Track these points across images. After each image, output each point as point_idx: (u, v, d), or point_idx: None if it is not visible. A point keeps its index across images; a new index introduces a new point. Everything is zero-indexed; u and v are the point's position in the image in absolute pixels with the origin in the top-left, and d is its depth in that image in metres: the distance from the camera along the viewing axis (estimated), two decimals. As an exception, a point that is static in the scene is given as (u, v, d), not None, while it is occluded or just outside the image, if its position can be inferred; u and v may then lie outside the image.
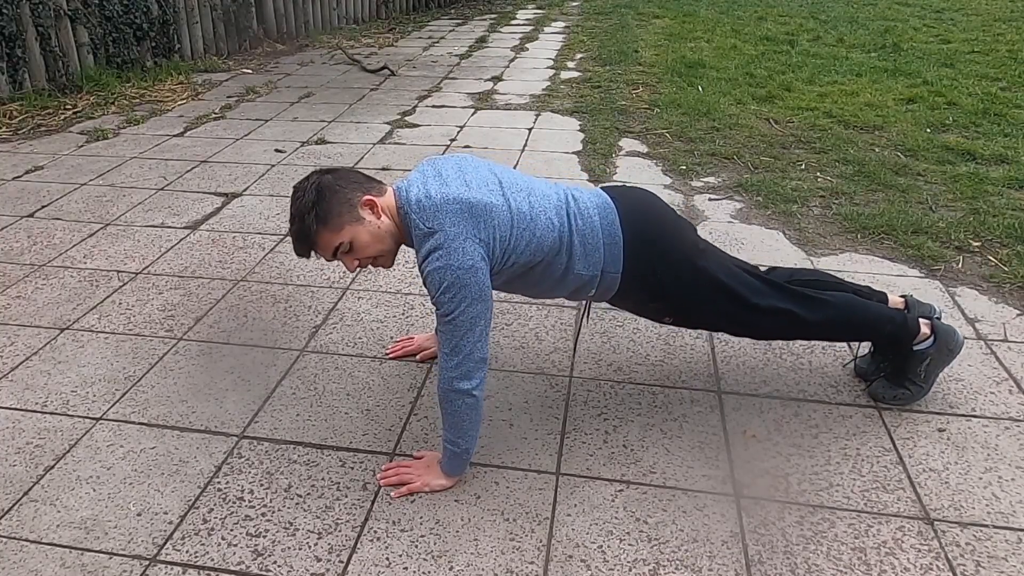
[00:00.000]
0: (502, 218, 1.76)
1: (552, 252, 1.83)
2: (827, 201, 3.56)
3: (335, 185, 1.79)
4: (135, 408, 2.15)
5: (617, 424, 2.06)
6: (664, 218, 1.99)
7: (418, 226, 1.73)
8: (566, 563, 1.64)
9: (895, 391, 2.11)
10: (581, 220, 1.86)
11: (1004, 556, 1.65)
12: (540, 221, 1.81)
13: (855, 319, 2.07)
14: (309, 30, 7.95)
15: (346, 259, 1.82)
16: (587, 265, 1.87)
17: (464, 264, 1.67)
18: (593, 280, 1.90)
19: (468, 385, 1.72)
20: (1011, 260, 2.94)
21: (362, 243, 1.79)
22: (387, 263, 1.89)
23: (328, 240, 1.77)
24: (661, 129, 4.66)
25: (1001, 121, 4.68)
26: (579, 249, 1.85)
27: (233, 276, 2.92)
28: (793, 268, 2.33)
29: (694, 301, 1.97)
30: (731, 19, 8.59)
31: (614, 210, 1.90)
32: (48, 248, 3.16)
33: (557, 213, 1.85)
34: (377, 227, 1.79)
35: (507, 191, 1.82)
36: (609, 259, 1.88)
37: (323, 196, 1.76)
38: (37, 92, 5.25)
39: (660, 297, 1.97)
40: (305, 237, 1.78)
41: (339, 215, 1.76)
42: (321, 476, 1.89)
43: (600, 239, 1.86)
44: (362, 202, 1.78)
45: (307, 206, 1.76)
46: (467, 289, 1.67)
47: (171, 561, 1.65)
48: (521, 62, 6.79)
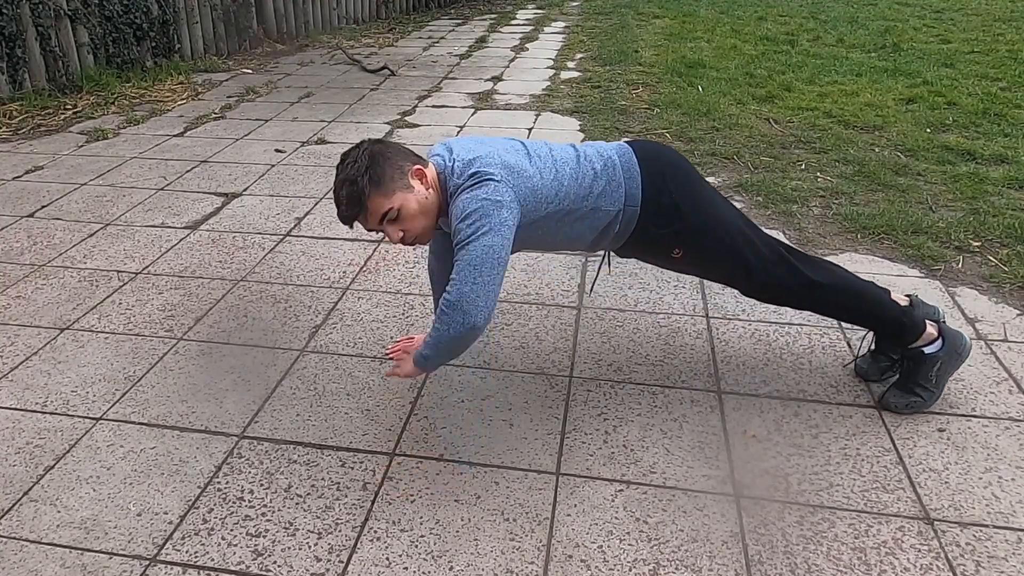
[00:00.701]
0: (530, 173, 1.84)
1: (579, 199, 1.90)
2: (827, 201, 3.56)
3: (387, 152, 1.82)
4: (135, 408, 2.15)
5: (617, 424, 2.07)
6: (678, 159, 2.07)
7: (455, 181, 1.79)
8: (566, 563, 1.64)
9: (907, 399, 2.09)
10: (600, 162, 1.94)
11: (1004, 556, 1.65)
12: (565, 173, 1.89)
13: (855, 298, 2.09)
14: (309, 30, 7.95)
15: (391, 228, 1.82)
16: (610, 200, 1.92)
17: (492, 197, 1.73)
18: (618, 216, 1.94)
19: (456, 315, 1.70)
20: (1011, 260, 2.94)
21: (410, 212, 1.80)
22: (424, 239, 1.91)
23: (379, 204, 1.78)
24: (661, 129, 4.66)
25: (1001, 121, 4.68)
26: (602, 184, 1.91)
27: (233, 276, 2.92)
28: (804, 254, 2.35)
29: (710, 240, 2.00)
30: (731, 19, 8.59)
31: (630, 149, 1.99)
32: (48, 248, 3.16)
33: (579, 163, 1.93)
34: (425, 197, 1.83)
35: (532, 152, 1.91)
36: (630, 192, 1.93)
37: (376, 161, 1.78)
38: (37, 92, 5.25)
39: (676, 220, 1.97)
40: (357, 200, 1.78)
41: (392, 179, 1.78)
42: (321, 476, 1.89)
43: (620, 173, 1.93)
44: (413, 171, 1.82)
45: (361, 169, 1.77)
46: (487, 219, 1.70)
47: (171, 561, 1.65)
48: (521, 62, 6.79)
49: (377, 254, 3.08)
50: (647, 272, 2.89)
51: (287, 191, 3.76)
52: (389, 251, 3.10)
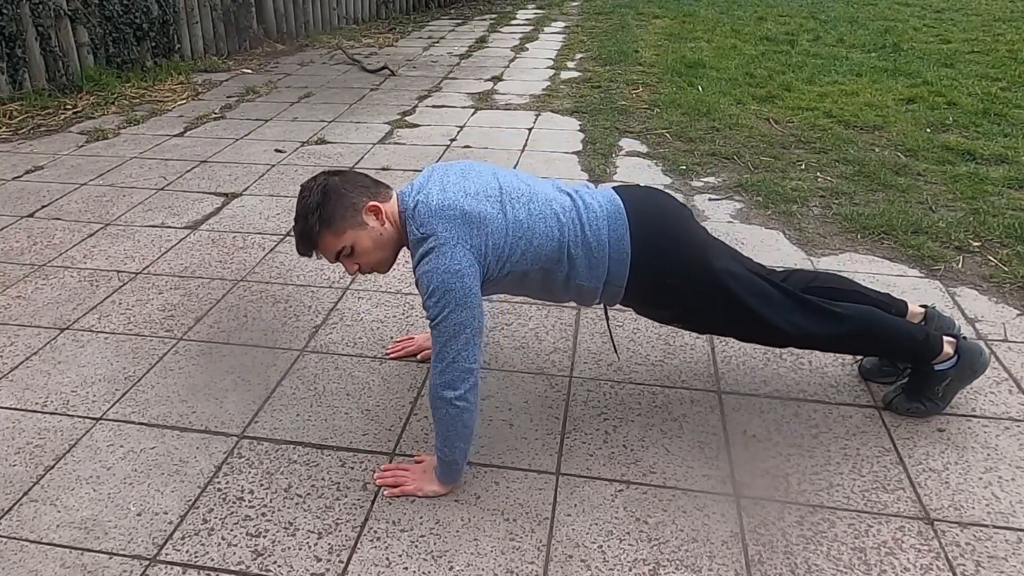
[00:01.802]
0: (496, 226, 1.75)
1: (551, 260, 1.81)
2: (827, 201, 3.56)
3: (341, 188, 1.78)
4: (135, 408, 2.15)
5: (617, 424, 2.06)
6: (679, 227, 1.94)
7: (413, 232, 1.74)
8: (566, 563, 1.64)
9: (910, 404, 2.08)
10: (588, 231, 1.82)
11: (1004, 556, 1.65)
12: (539, 230, 1.79)
13: (874, 335, 2.01)
14: (309, 30, 7.94)
15: (347, 262, 1.83)
16: (589, 277, 1.85)
17: (451, 268, 1.67)
18: (596, 290, 1.89)
19: (451, 394, 1.69)
20: (1011, 260, 2.94)
21: (364, 248, 1.80)
22: (384, 269, 1.90)
23: (330, 243, 1.78)
24: (661, 129, 4.66)
25: (1001, 121, 4.68)
26: (582, 260, 1.83)
27: (233, 276, 2.92)
28: (814, 272, 2.25)
29: (706, 308, 1.94)
30: (731, 19, 8.59)
31: (625, 221, 1.85)
32: (48, 248, 3.16)
33: (559, 221, 1.81)
34: (379, 233, 1.80)
35: (506, 199, 1.80)
36: (614, 273, 1.85)
37: (328, 199, 1.76)
38: (37, 92, 5.25)
39: (673, 303, 1.95)
40: (308, 237, 1.78)
41: (343, 219, 1.76)
42: (321, 476, 1.89)
43: (606, 252, 1.83)
44: (367, 208, 1.79)
45: (312, 207, 1.76)
46: (452, 294, 1.66)
47: (171, 561, 1.65)
48: (521, 62, 6.79)
49: (377, 254, 3.08)
50: (647, 272, 2.89)
51: (287, 191, 3.75)
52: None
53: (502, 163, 4.09)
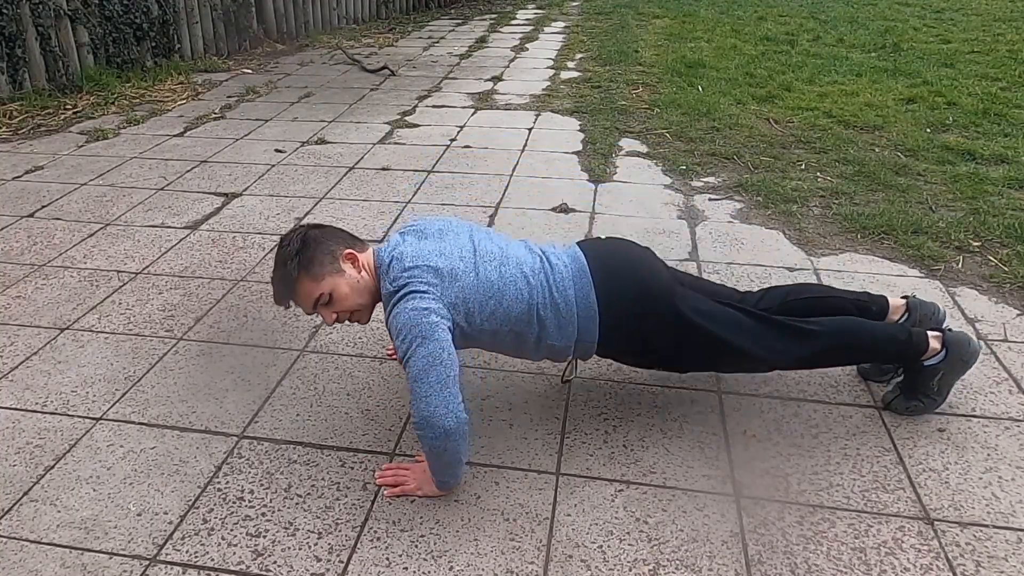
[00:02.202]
0: (467, 282, 1.80)
1: (521, 322, 1.86)
2: (827, 201, 3.56)
3: (320, 238, 1.86)
4: (135, 408, 2.15)
5: (617, 424, 2.06)
6: (642, 277, 1.95)
7: (386, 286, 1.80)
8: (566, 563, 1.64)
9: (908, 403, 2.08)
10: (556, 292, 1.87)
11: (1004, 556, 1.65)
12: (508, 292, 1.84)
13: (855, 345, 2.04)
14: (309, 30, 7.94)
15: (325, 311, 1.87)
16: (560, 337, 1.89)
17: (419, 307, 1.72)
18: (567, 349, 1.93)
19: (431, 433, 1.67)
20: (1011, 260, 2.94)
21: (341, 295, 1.84)
22: (363, 318, 1.94)
23: (309, 289, 1.83)
24: (661, 129, 4.66)
25: (1001, 121, 4.68)
26: (551, 321, 1.87)
27: (233, 276, 2.92)
28: (789, 286, 2.25)
29: (680, 351, 1.98)
30: (731, 19, 8.59)
31: (589, 279, 1.89)
32: (48, 248, 3.16)
33: (528, 284, 1.86)
34: (357, 280, 1.85)
35: (479, 259, 1.86)
36: (583, 330, 1.90)
37: (307, 245, 1.84)
38: (37, 92, 5.25)
39: (647, 351, 1.99)
40: (287, 283, 1.84)
41: (321, 264, 1.82)
42: (321, 476, 1.89)
43: (574, 311, 1.88)
44: (344, 255, 1.85)
45: (291, 253, 1.83)
46: (419, 327, 1.69)
47: (171, 561, 1.65)
48: (521, 62, 6.79)
49: (377, 254, 3.08)
50: (647, 272, 2.89)
51: (287, 191, 3.76)
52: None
53: (502, 163, 4.10)
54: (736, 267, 2.94)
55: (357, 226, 3.33)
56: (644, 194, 3.67)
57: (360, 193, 3.72)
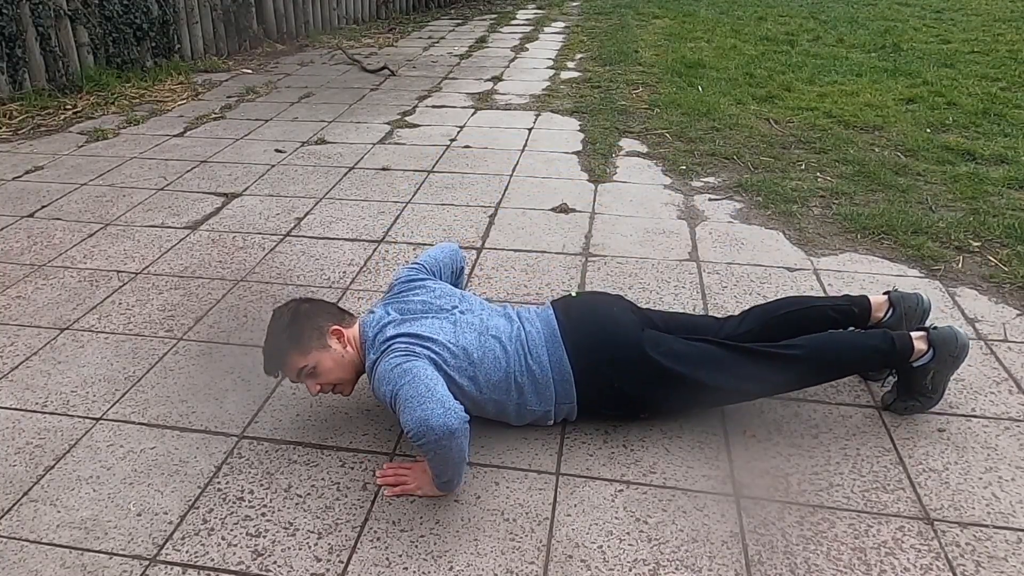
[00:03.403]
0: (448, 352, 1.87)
1: (500, 389, 1.90)
2: (827, 201, 3.56)
3: (310, 312, 1.95)
4: (135, 408, 2.15)
5: (617, 424, 2.06)
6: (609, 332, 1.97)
7: (370, 357, 1.89)
8: (566, 563, 1.64)
9: (906, 403, 2.08)
10: (531, 359, 1.93)
11: (1004, 556, 1.65)
12: (487, 360, 1.91)
13: (837, 362, 2.04)
14: (309, 30, 7.95)
15: (308, 382, 1.92)
16: (539, 402, 1.94)
17: (397, 360, 1.80)
18: (548, 413, 1.97)
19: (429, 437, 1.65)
20: (1011, 260, 2.94)
21: (325, 368, 1.90)
22: (346, 391, 2.00)
23: (295, 361, 1.89)
24: (661, 129, 4.66)
25: (1001, 121, 4.68)
26: (528, 387, 1.92)
27: (233, 276, 2.92)
28: (767, 305, 2.23)
29: (662, 398, 2.00)
30: (731, 19, 8.59)
31: (560, 343, 1.94)
32: (48, 248, 3.16)
33: (505, 352, 1.92)
34: (341, 355, 1.93)
35: (459, 330, 1.94)
36: (561, 393, 1.94)
37: (297, 320, 1.92)
38: (37, 92, 5.25)
39: (629, 403, 2.00)
40: (276, 355, 1.92)
41: (308, 339, 1.90)
42: (321, 476, 1.89)
43: (550, 376, 1.93)
44: (330, 331, 1.93)
45: (282, 326, 1.92)
46: (399, 368, 1.78)
47: (171, 561, 1.65)
48: (521, 62, 6.79)
49: (377, 254, 3.08)
50: (646, 272, 2.89)
51: (287, 191, 3.76)
52: (389, 251, 3.10)
53: (502, 163, 4.10)
54: (736, 267, 2.93)
55: (357, 226, 3.33)
56: (644, 194, 3.67)
57: (360, 193, 3.72)
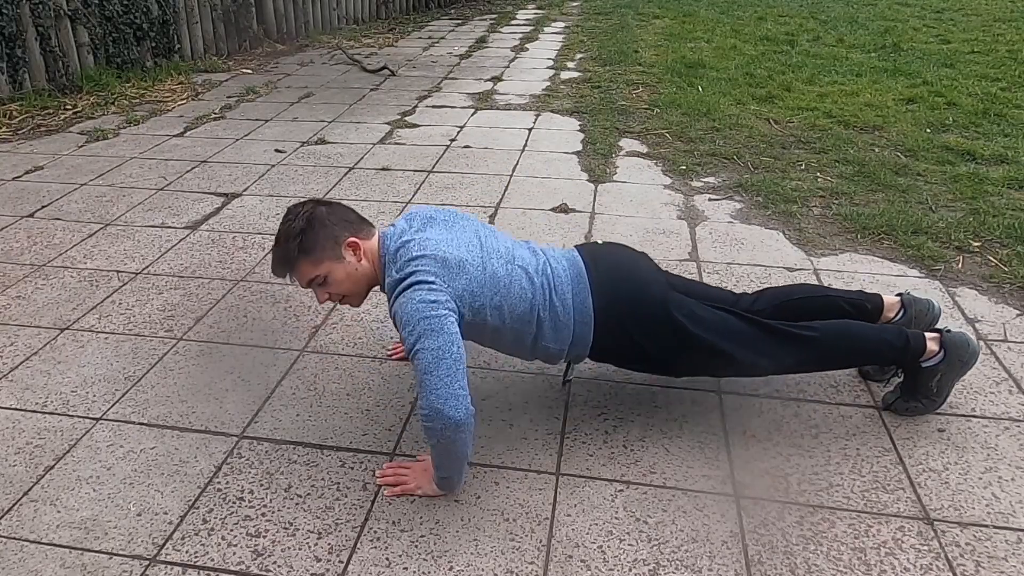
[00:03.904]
0: (475, 275, 1.79)
1: (522, 321, 1.86)
2: (827, 201, 3.56)
3: (327, 220, 1.85)
4: (135, 408, 2.15)
5: (617, 424, 2.06)
6: (639, 285, 1.95)
7: (391, 274, 1.79)
8: (566, 563, 1.64)
9: (907, 404, 2.08)
10: (555, 296, 1.88)
11: (1004, 556, 1.65)
12: (514, 289, 1.84)
13: (851, 350, 2.04)
14: (309, 30, 7.94)
15: (319, 291, 1.88)
16: (555, 340, 1.91)
17: (426, 299, 1.70)
18: (562, 352, 1.94)
19: (440, 425, 1.65)
20: (1011, 260, 2.94)
21: (337, 279, 1.85)
22: (355, 303, 1.95)
23: (306, 270, 1.84)
24: (661, 129, 4.66)
25: (1001, 121, 4.68)
26: (548, 324, 1.88)
27: (233, 276, 2.92)
28: (784, 287, 2.24)
29: (675, 358, 1.98)
30: (731, 19, 8.59)
31: (587, 284, 1.90)
32: (48, 248, 3.16)
33: (532, 284, 1.87)
34: (355, 268, 1.86)
35: (486, 253, 1.86)
36: (579, 335, 1.91)
37: (312, 226, 1.82)
38: (37, 92, 5.25)
39: (642, 358, 2.00)
40: (286, 261, 1.85)
41: (322, 249, 1.82)
42: (321, 476, 1.89)
43: (571, 317, 1.89)
44: (347, 242, 1.85)
45: (294, 232, 1.82)
46: (427, 321, 1.68)
47: (171, 561, 1.65)
48: (521, 62, 6.79)
49: (377, 254, 3.08)
50: (647, 272, 2.89)
51: (287, 191, 3.75)
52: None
53: (502, 163, 4.10)
54: (736, 267, 2.93)
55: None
56: (644, 194, 3.67)
57: (360, 193, 3.72)
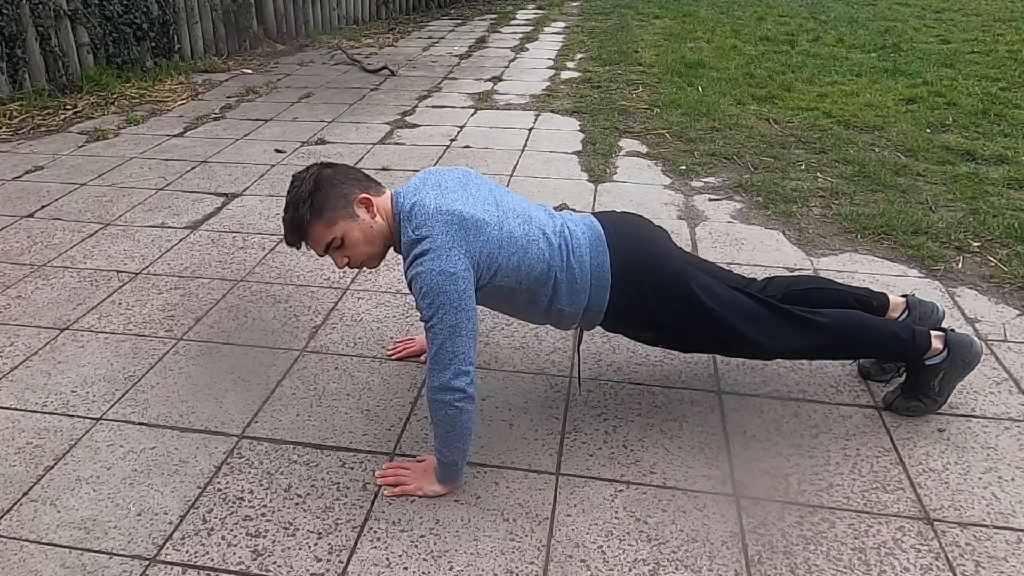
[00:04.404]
0: (492, 235, 1.76)
1: (539, 283, 1.83)
2: (827, 201, 3.56)
3: (334, 179, 1.78)
4: (135, 408, 2.15)
5: (617, 424, 2.06)
6: (657, 252, 1.95)
7: (408, 233, 1.74)
8: (566, 563, 1.64)
9: (909, 403, 2.08)
10: (573, 258, 1.85)
11: (1004, 556, 1.65)
12: (531, 250, 1.81)
13: (859, 340, 2.04)
14: (309, 30, 7.94)
15: (336, 255, 1.82)
16: (571, 302, 1.88)
17: (446, 270, 1.67)
18: (575, 316, 1.92)
19: (449, 396, 1.67)
20: (1011, 260, 2.94)
21: (353, 240, 1.79)
22: (373, 264, 1.89)
23: (320, 233, 1.78)
24: (661, 129, 4.66)
25: (1001, 121, 4.68)
26: (565, 286, 1.85)
27: (233, 276, 2.92)
28: (792, 277, 2.26)
29: (688, 330, 1.97)
30: (731, 19, 8.59)
31: (605, 247, 1.88)
32: (48, 248, 3.16)
33: (549, 245, 1.84)
34: (370, 226, 1.80)
35: (503, 212, 1.82)
36: (594, 299, 1.89)
37: (320, 188, 1.76)
38: (37, 92, 5.25)
39: (655, 327, 1.98)
40: (298, 227, 1.78)
41: (334, 209, 1.76)
42: (321, 476, 1.89)
43: (588, 279, 1.86)
44: (358, 199, 1.79)
45: (303, 195, 1.76)
46: (446, 295, 1.66)
47: (171, 561, 1.65)
48: (521, 62, 6.79)
49: (377, 254, 3.08)
50: (647, 272, 2.89)
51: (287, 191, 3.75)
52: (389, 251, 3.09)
53: (502, 163, 4.09)
54: (736, 267, 2.93)
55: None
56: (644, 194, 3.67)
57: (360, 193, 3.72)
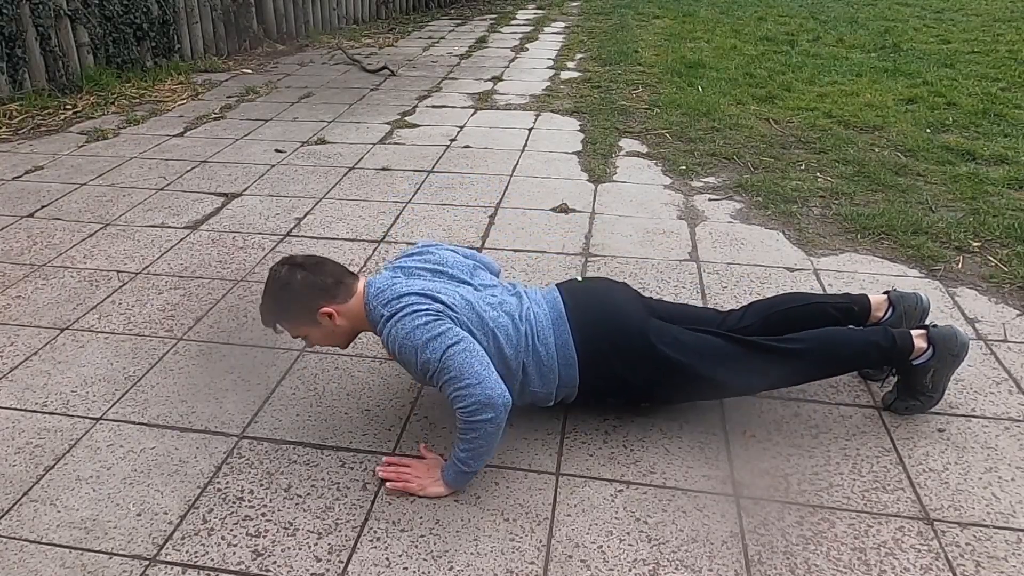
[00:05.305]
0: (464, 318, 1.83)
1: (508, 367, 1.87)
2: (827, 201, 3.56)
3: (302, 289, 1.87)
4: (135, 408, 2.15)
5: (617, 424, 2.06)
6: (615, 317, 1.98)
7: (382, 314, 1.84)
8: (566, 563, 1.64)
9: (907, 403, 2.08)
10: (538, 342, 1.91)
11: (1004, 556, 1.65)
12: (500, 335, 1.87)
13: (838, 358, 2.04)
14: (309, 30, 7.94)
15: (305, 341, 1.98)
16: (542, 384, 1.93)
17: (431, 311, 1.77)
18: (549, 396, 1.96)
19: (486, 414, 1.70)
20: (1011, 260, 2.94)
21: (316, 339, 1.95)
22: (342, 347, 2.03)
23: (287, 328, 1.94)
24: (661, 129, 4.66)
25: (1001, 121, 4.68)
26: (533, 370, 1.91)
27: (233, 276, 2.92)
28: (769, 300, 2.24)
29: (665, 390, 2.01)
30: (731, 19, 8.59)
31: (567, 326, 1.92)
32: (48, 248, 3.16)
33: (517, 329, 1.89)
34: (331, 330, 1.91)
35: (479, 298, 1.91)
36: (564, 377, 1.93)
37: (286, 293, 1.88)
38: (37, 92, 5.25)
39: (629, 391, 2.02)
40: (267, 321, 1.94)
41: (298, 316, 1.90)
42: (321, 476, 1.89)
43: (555, 360, 1.92)
44: (320, 313, 1.87)
45: (272, 294, 1.90)
46: (438, 338, 1.74)
47: (171, 561, 1.65)
48: (521, 62, 6.79)
49: (377, 254, 3.08)
50: (646, 272, 2.89)
51: (287, 191, 3.76)
52: (389, 251, 3.10)
53: (502, 163, 4.09)
54: (736, 267, 2.93)
55: (357, 226, 3.33)
56: (644, 194, 3.67)
57: (360, 193, 3.72)
